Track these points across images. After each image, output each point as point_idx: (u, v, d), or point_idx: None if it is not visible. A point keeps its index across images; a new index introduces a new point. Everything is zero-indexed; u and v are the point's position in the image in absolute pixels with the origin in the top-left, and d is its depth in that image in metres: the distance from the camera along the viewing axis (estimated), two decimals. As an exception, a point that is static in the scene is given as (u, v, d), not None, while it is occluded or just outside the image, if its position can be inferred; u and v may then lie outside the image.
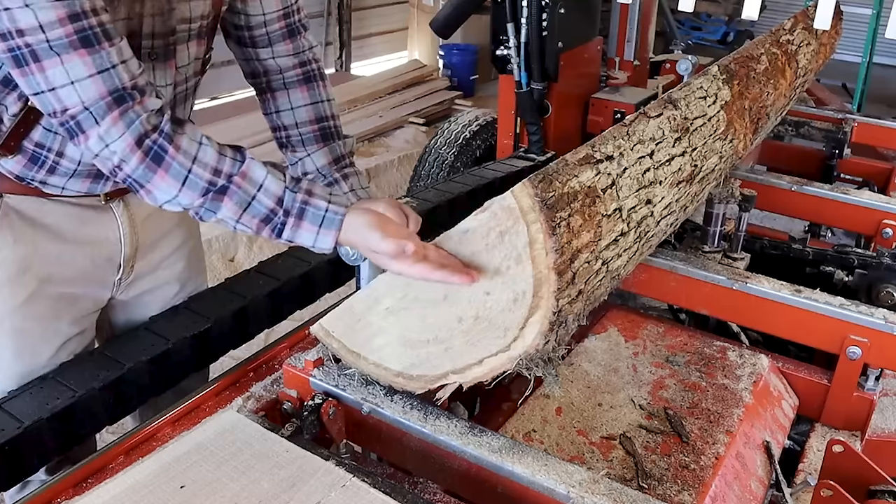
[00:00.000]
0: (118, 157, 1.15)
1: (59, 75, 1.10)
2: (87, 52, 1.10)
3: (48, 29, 1.07)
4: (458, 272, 1.12)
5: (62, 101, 1.11)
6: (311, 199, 1.22)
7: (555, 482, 1.07)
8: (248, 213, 1.20)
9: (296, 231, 1.22)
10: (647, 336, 1.75)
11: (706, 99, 1.64)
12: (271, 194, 1.20)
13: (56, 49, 1.08)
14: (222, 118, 4.98)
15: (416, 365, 1.19)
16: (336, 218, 1.21)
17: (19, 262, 1.41)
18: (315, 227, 1.21)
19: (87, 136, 1.14)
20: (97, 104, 1.12)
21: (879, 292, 1.83)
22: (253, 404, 1.34)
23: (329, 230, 1.21)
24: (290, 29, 1.54)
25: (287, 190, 1.21)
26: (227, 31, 1.55)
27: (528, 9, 2.78)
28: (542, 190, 1.09)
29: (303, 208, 1.21)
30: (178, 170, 1.16)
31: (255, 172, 1.20)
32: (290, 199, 1.21)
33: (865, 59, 6.13)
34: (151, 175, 1.16)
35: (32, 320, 1.45)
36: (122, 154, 1.14)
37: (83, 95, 1.11)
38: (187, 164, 1.16)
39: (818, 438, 1.55)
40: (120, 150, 1.14)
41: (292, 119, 1.57)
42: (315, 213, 1.21)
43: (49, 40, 1.07)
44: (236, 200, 1.19)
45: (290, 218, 1.21)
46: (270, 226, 1.22)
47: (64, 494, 1.18)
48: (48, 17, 1.06)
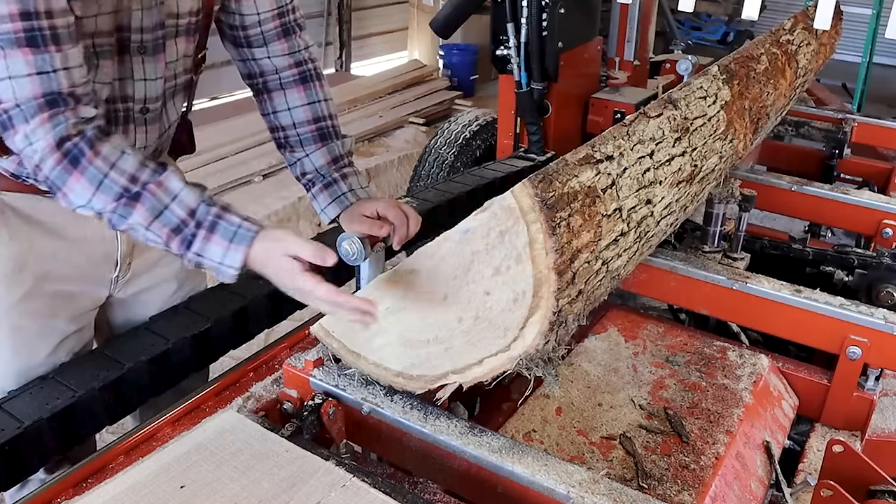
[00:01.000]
0: (38, 157, 1.16)
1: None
2: (30, 52, 1.12)
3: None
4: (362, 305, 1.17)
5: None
6: (225, 214, 1.22)
7: (555, 482, 1.07)
8: (159, 221, 1.20)
9: (205, 244, 1.21)
10: (647, 336, 1.75)
11: (706, 99, 1.64)
12: (185, 205, 1.20)
13: (1, 42, 1.10)
14: (222, 118, 4.98)
15: (416, 365, 1.19)
16: (247, 234, 1.21)
17: (15, 259, 1.41)
18: (225, 242, 1.21)
19: (16, 132, 1.16)
20: (29, 103, 1.14)
21: (879, 292, 1.83)
22: (253, 404, 1.34)
23: (239, 246, 1.20)
24: (284, 28, 1.54)
25: (202, 203, 1.21)
26: (223, 31, 1.55)
27: (528, 9, 2.78)
28: (542, 190, 1.09)
29: (215, 222, 1.20)
30: (93, 174, 1.17)
31: (172, 183, 1.21)
32: (203, 212, 1.21)
33: (865, 59, 6.13)
34: (67, 177, 1.17)
35: (29, 318, 1.45)
36: (42, 154, 1.16)
37: (18, 92, 1.13)
38: (104, 170, 1.17)
39: (818, 438, 1.55)
40: (41, 149, 1.15)
41: (290, 119, 1.57)
42: (227, 227, 1.21)
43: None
44: (148, 207, 1.19)
45: (200, 230, 1.20)
46: (181, 237, 1.21)
47: (64, 494, 1.18)
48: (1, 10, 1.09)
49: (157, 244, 1.23)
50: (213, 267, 1.23)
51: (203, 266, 1.23)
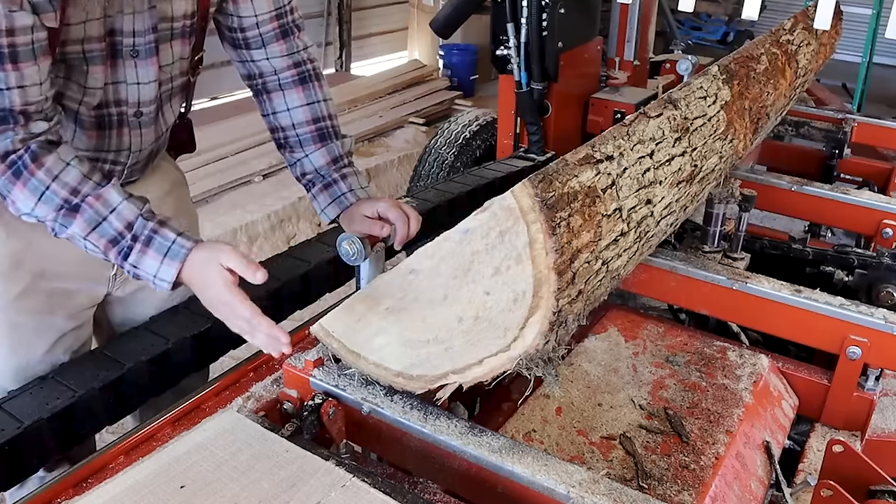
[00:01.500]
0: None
1: None
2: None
3: None
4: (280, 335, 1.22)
5: None
6: (161, 229, 1.25)
7: (555, 482, 1.07)
8: (97, 232, 1.24)
9: (141, 257, 1.25)
10: (647, 336, 1.74)
11: (706, 99, 1.64)
12: (122, 218, 1.24)
13: None
14: (222, 118, 4.98)
15: (416, 365, 1.19)
16: (181, 251, 1.25)
17: (12, 256, 1.41)
18: (160, 256, 1.25)
19: None
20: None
21: (879, 292, 1.83)
22: (253, 404, 1.34)
23: (173, 261, 1.25)
24: (283, 30, 1.54)
25: (140, 217, 1.25)
26: (222, 33, 1.56)
27: (528, 9, 2.78)
28: (542, 190, 1.09)
29: (150, 236, 1.25)
30: (35, 185, 1.21)
31: (111, 196, 1.24)
32: (140, 226, 1.25)
33: (865, 59, 6.13)
34: (11, 187, 1.22)
35: (26, 315, 1.45)
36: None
37: None
38: (46, 182, 1.22)
39: (818, 438, 1.55)
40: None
41: (289, 120, 1.57)
42: (162, 242, 1.25)
43: None
44: (86, 218, 1.23)
45: (137, 244, 1.25)
46: (117, 248, 1.25)
47: (64, 494, 1.18)
48: None
49: (96, 254, 1.27)
50: (148, 280, 1.27)
51: (140, 278, 1.27)
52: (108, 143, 1.43)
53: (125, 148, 1.45)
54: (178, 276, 1.26)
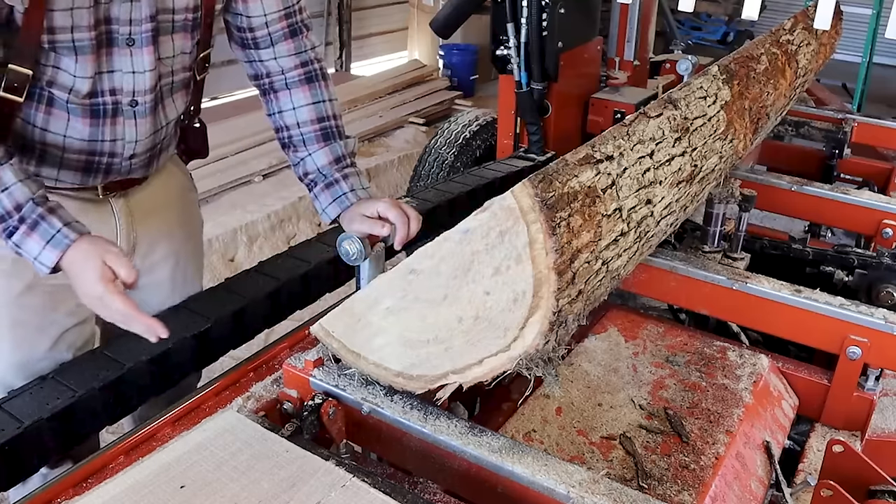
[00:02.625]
0: None
1: None
2: None
3: None
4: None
5: None
6: (49, 216, 1.26)
7: (555, 482, 1.07)
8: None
9: (24, 238, 1.26)
10: (647, 336, 1.75)
11: (706, 99, 1.64)
12: (13, 199, 1.25)
13: None
14: (222, 118, 4.98)
15: (416, 365, 1.19)
16: (64, 241, 1.26)
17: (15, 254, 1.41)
18: (42, 242, 1.26)
19: None
20: None
21: (879, 292, 1.83)
22: (253, 404, 1.34)
23: (54, 249, 1.26)
24: (292, 29, 1.54)
25: (31, 201, 1.26)
26: (230, 33, 1.56)
27: (528, 9, 2.78)
28: (542, 190, 1.09)
29: (37, 221, 1.26)
30: None
31: (5, 176, 1.25)
32: (29, 209, 1.26)
33: (865, 59, 6.13)
34: None
35: (29, 311, 1.46)
36: None
37: None
38: None
39: (818, 438, 1.55)
40: None
41: (294, 119, 1.57)
42: (47, 229, 1.26)
43: None
44: None
45: (22, 225, 1.26)
46: (3, 225, 1.26)
47: (64, 494, 1.18)
48: None
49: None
50: (28, 259, 1.28)
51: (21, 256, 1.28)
52: (102, 133, 1.42)
53: (120, 138, 1.45)
54: (58, 264, 1.27)
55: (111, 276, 1.25)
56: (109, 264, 1.25)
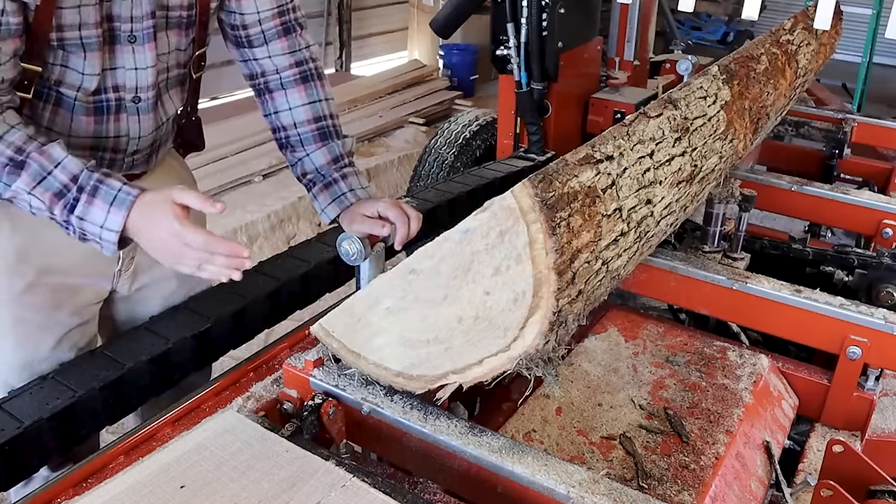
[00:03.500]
0: None
1: None
2: None
3: None
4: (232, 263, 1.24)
5: None
6: (107, 179, 1.26)
7: (555, 482, 1.07)
8: (42, 186, 1.25)
9: (87, 208, 1.25)
10: (647, 336, 1.75)
11: (706, 99, 1.64)
12: (68, 171, 1.25)
13: None
14: (222, 118, 4.98)
15: (416, 365, 1.19)
16: (127, 198, 1.25)
17: (17, 251, 1.42)
18: (106, 206, 1.25)
19: None
20: None
21: (879, 292, 1.83)
22: (253, 404, 1.34)
23: (119, 209, 1.25)
24: (285, 27, 1.54)
25: (85, 169, 1.26)
26: (225, 32, 1.56)
27: (528, 9, 2.78)
28: (542, 190, 1.09)
29: (96, 186, 1.25)
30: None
31: (56, 152, 1.25)
32: (85, 177, 1.25)
33: (865, 59, 6.13)
34: None
35: (32, 310, 1.45)
36: None
37: None
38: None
39: (818, 438, 1.55)
40: None
41: (290, 119, 1.57)
42: (108, 191, 1.25)
43: None
44: (31, 173, 1.24)
45: (83, 195, 1.25)
46: (63, 201, 1.25)
47: (64, 494, 1.18)
48: None
49: (40, 211, 1.27)
50: (95, 233, 1.27)
51: (87, 233, 1.27)
52: (106, 129, 1.43)
53: (124, 134, 1.45)
54: (126, 225, 1.26)
55: (184, 215, 1.24)
56: (178, 202, 1.24)
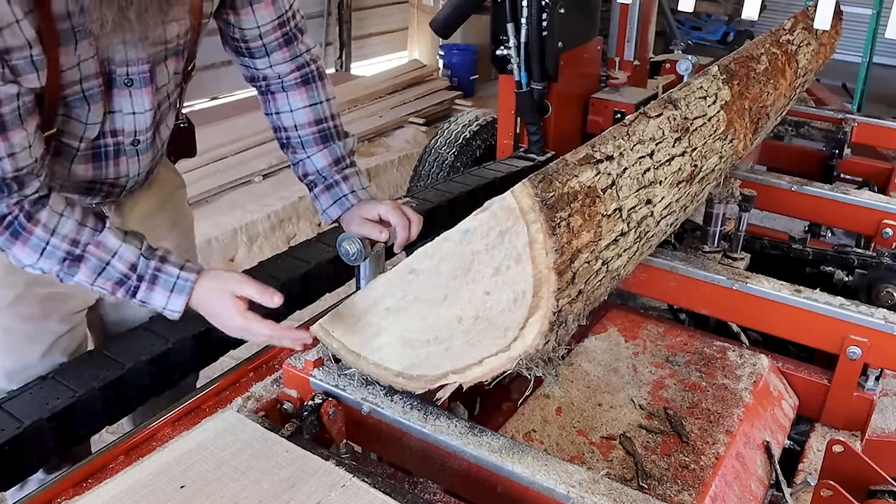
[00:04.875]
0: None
1: None
2: None
3: None
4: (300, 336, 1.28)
5: None
6: (164, 266, 1.30)
7: (555, 482, 1.07)
8: (103, 277, 1.28)
9: (149, 294, 1.30)
10: (647, 336, 1.75)
11: (706, 99, 1.64)
12: (125, 261, 1.29)
13: None
14: (222, 118, 4.98)
15: (416, 365, 1.19)
16: (186, 284, 1.30)
17: (6, 263, 1.41)
18: (167, 292, 1.30)
19: None
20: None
21: (879, 292, 1.83)
22: (253, 404, 1.34)
23: (180, 295, 1.30)
24: (286, 37, 1.51)
25: (141, 257, 1.29)
26: (225, 37, 1.54)
27: (528, 9, 2.78)
28: (542, 190, 1.09)
29: (155, 275, 1.30)
30: (35, 243, 1.24)
31: (110, 242, 1.28)
32: (143, 266, 1.29)
33: (865, 59, 6.12)
34: (11, 246, 1.25)
35: (21, 320, 1.45)
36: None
37: None
38: (45, 237, 1.25)
39: (818, 438, 1.55)
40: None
41: (291, 121, 1.56)
42: (166, 279, 1.30)
43: None
44: (91, 266, 1.27)
45: (143, 283, 1.30)
46: (125, 288, 1.30)
47: (64, 494, 1.18)
48: None
49: (104, 293, 1.32)
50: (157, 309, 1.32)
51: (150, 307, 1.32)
52: (105, 173, 1.42)
53: (123, 175, 1.45)
54: (187, 305, 1.31)
55: (245, 306, 1.29)
56: (239, 295, 1.28)
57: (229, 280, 1.30)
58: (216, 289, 1.30)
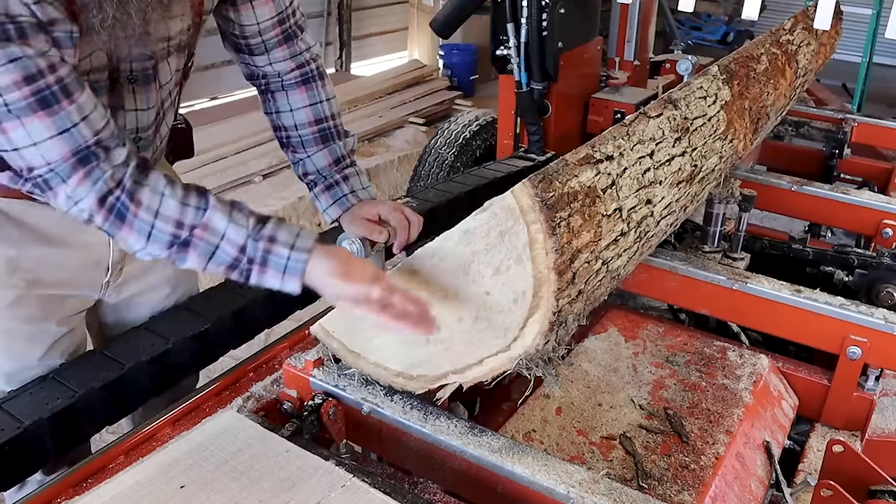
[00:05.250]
0: (86, 214, 1.16)
1: (21, 137, 1.09)
2: (46, 114, 1.09)
3: (5, 92, 1.06)
4: (421, 322, 1.15)
5: (26, 160, 1.12)
6: (273, 247, 1.21)
7: (555, 482, 1.07)
8: (213, 261, 1.21)
9: (262, 276, 1.22)
10: (647, 336, 1.75)
11: (706, 99, 1.64)
12: (234, 244, 1.20)
13: (15, 112, 1.07)
14: (222, 118, 4.98)
15: (416, 365, 1.19)
16: (298, 265, 1.21)
17: (7, 263, 1.40)
18: (279, 274, 1.21)
19: (56, 194, 1.15)
20: (61, 165, 1.12)
21: (879, 292, 1.82)
22: (253, 404, 1.34)
23: (293, 276, 1.21)
24: (286, 35, 1.51)
25: (249, 238, 1.20)
26: (224, 34, 1.54)
27: (528, 9, 2.78)
28: (542, 190, 1.09)
29: (265, 256, 1.21)
30: (141, 226, 1.17)
31: (217, 223, 1.20)
32: (252, 248, 1.20)
33: (865, 59, 6.12)
34: (118, 231, 1.18)
35: (20, 321, 1.45)
36: (90, 211, 1.15)
37: (47, 156, 1.11)
38: (150, 220, 1.17)
39: (818, 438, 1.55)
40: (87, 207, 1.15)
41: (291, 121, 1.56)
42: (277, 261, 1.21)
43: (7, 104, 1.07)
44: (200, 252, 1.20)
45: (254, 265, 1.21)
46: (237, 271, 1.22)
47: (64, 494, 1.18)
48: (3, 81, 1.06)
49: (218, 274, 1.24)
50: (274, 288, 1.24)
51: None
52: None
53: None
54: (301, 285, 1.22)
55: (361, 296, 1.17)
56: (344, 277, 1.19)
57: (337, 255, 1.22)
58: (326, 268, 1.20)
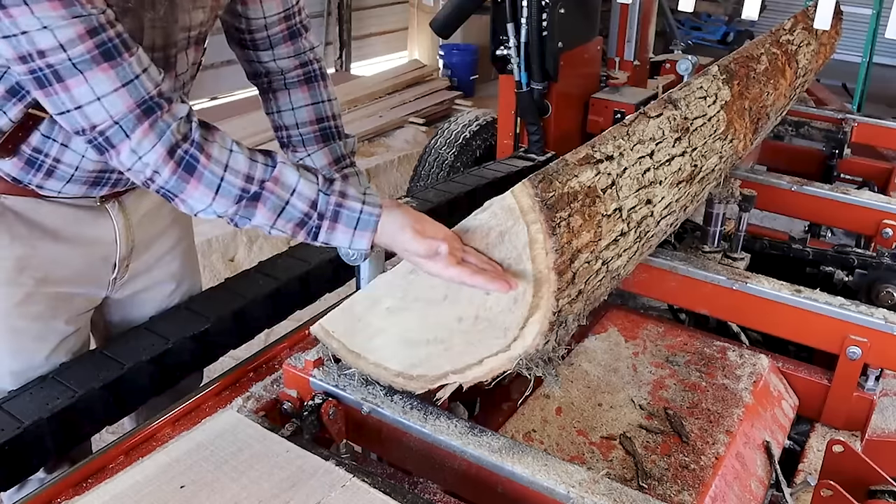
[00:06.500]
0: (151, 169, 1.14)
1: (84, 93, 1.08)
2: (109, 66, 1.08)
3: (69, 47, 1.05)
4: (497, 279, 1.11)
5: (89, 118, 1.10)
6: (345, 202, 1.20)
7: (555, 482, 1.07)
8: (283, 217, 1.19)
9: (331, 234, 1.20)
10: (647, 336, 1.75)
11: (706, 99, 1.64)
12: (305, 198, 1.19)
13: (79, 66, 1.07)
14: (222, 118, 4.97)
15: (416, 365, 1.19)
16: (371, 219, 1.20)
17: (16, 262, 1.41)
18: (350, 230, 1.20)
19: (119, 151, 1.13)
20: (126, 118, 1.11)
21: (879, 292, 1.83)
22: (253, 404, 1.34)
23: (364, 231, 1.20)
24: (291, 31, 1.53)
25: (320, 193, 1.19)
26: (229, 32, 1.55)
27: (528, 9, 2.78)
28: (542, 190, 1.09)
29: (337, 211, 1.19)
30: (210, 178, 1.15)
31: (288, 177, 1.19)
32: (323, 202, 1.19)
33: (865, 59, 6.12)
34: (185, 185, 1.15)
35: (28, 320, 1.45)
36: (156, 165, 1.13)
37: (111, 110, 1.10)
38: (219, 173, 1.16)
39: (818, 438, 1.55)
40: (153, 161, 1.13)
41: (293, 119, 1.57)
42: (350, 215, 1.19)
43: (71, 58, 1.06)
44: (270, 206, 1.18)
45: (324, 221, 1.20)
46: (306, 229, 1.21)
47: (64, 494, 1.18)
48: (68, 35, 1.05)
49: (283, 235, 1.22)
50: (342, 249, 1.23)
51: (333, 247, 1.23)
52: None
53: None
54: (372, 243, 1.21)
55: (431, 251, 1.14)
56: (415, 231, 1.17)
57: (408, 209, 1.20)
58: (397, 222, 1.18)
